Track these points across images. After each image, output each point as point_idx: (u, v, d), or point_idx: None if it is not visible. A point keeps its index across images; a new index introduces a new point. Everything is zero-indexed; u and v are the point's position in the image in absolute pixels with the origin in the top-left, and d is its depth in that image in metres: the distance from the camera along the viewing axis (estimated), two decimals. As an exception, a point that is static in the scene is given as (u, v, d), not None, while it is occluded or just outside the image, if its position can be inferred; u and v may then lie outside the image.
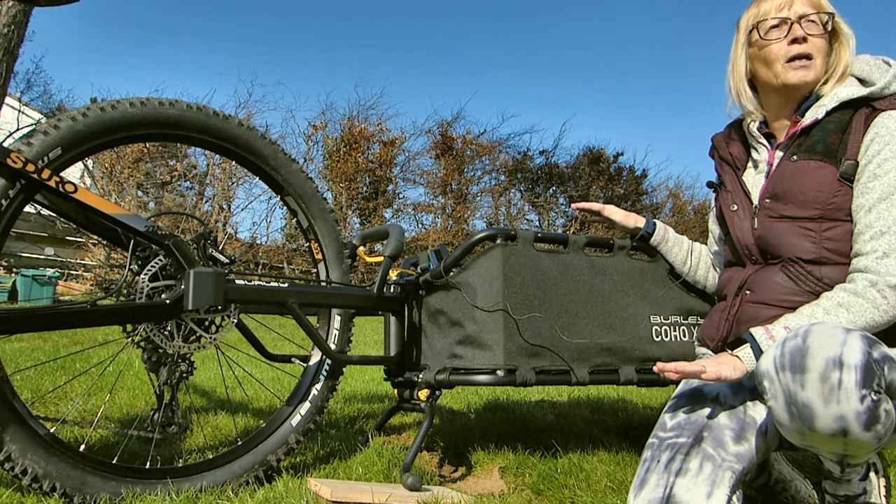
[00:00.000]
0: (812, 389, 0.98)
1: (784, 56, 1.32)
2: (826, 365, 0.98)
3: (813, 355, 0.99)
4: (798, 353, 1.01)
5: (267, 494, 1.42)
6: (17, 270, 8.07)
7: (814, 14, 1.30)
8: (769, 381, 1.05)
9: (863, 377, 0.96)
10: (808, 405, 0.99)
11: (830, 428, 0.99)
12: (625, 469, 1.68)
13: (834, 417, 0.97)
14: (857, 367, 0.96)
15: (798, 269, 1.28)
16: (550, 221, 15.65)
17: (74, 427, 1.90)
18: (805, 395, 0.99)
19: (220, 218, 11.33)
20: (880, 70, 1.30)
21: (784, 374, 1.02)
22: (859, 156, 1.24)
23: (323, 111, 16.28)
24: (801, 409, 1.00)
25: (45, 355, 3.57)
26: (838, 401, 0.97)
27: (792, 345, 1.03)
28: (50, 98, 14.56)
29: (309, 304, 1.66)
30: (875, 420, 0.97)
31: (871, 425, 0.97)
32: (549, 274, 1.60)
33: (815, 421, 0.99)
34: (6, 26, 3.23)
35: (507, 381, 1.51)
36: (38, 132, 1.34)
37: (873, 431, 0.98)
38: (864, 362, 0.97)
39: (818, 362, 0.98)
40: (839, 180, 1.24)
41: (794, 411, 1.01)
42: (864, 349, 0.98)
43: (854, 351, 0.97)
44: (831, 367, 0.97)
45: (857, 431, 0.98)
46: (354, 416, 2.39)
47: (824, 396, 0.97)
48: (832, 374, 0.97)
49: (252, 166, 1.70)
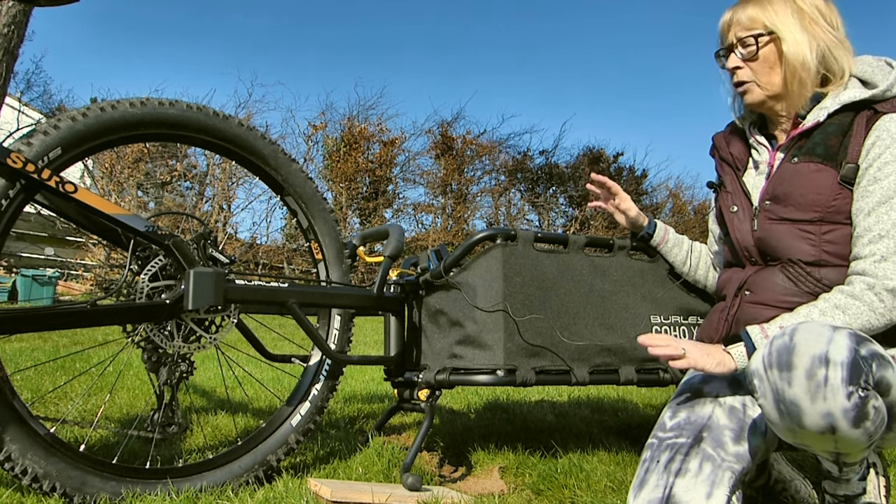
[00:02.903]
0: (799, 387, 0.99)
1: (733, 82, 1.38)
2: (812, 362, 0.98)
3: (799, 353, 0.99)
4: (785, 350, 1.01)
5: (267, 494, 1.42)
6: (17, 270, 8.08)
7: (747, 36, 1.33)
8: (758, 380, 1.05)
9: (849, 374, 0.96)
10: (796, 402, 0.99)
11: (818, 425, 0.99)
12: (625, 469, 1.68)
13: (821, 414, 0.98)
14: (844, 364, 0.96)
15: (798, 270, 1.28)
16: (550, 221, 15.66)
17: (74, 427, 1.90)
18: (792, 392, 0.99)
19: (220, 218, 11.33)
20: (882, 72, 1.30)
21: (772, 372, 1.02)
22: (860, 159, 1.23)
23: (323, 111, 16.30)
24: (789, 406, 1.00)
25: (45, 355, 3.57)
26: (825, 398, 0.97)
27: (779, 343, 1.03)
28: (50, 98, 14.57)
29: (309, 304, 1.66)
30: (863, 417, 0.97)
31: (860, 422, 0.97)
32: (549, 274, 1.60)
33: (803, 418, 0.99)
34: (6, 26, 3.23)
35: (507, 381, 1.51)
36: (38, 132, 1.34)
37: (862, 428, 0.98)
38: (851, 359, 0.97)
39: (804, 359, 0.98)
40: (839, 183, 1.24)
41: (783, 409, 1.02)
42: (851, 346, 0.98)
43: (840, 348, 0.98)
44: (817, 365, 0.97)
45: (846, 428, 0.98)
46: (354, 416, 2.39)
47: (811, 393, 0.98)
48: (818, 371, 0.97)
49: (252, 166, 1.70)
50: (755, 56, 1.33)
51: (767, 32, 1.31)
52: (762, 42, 1.32)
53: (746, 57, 1.34)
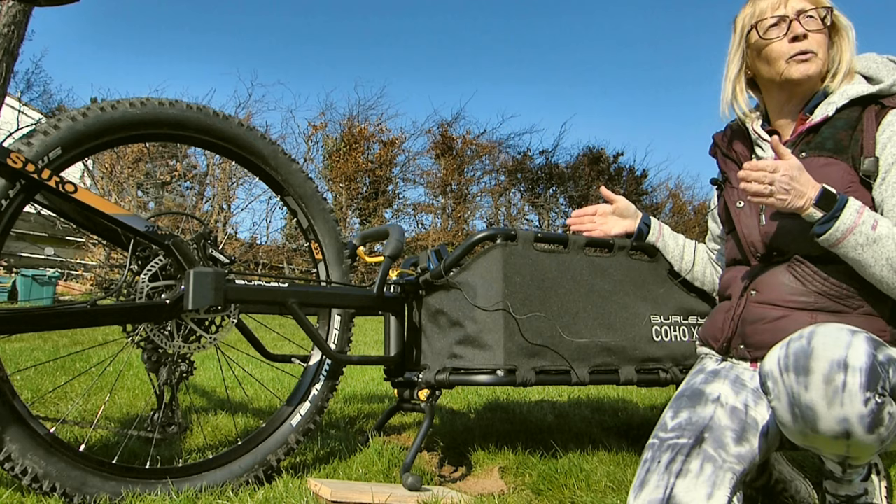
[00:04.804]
0: (816, 391, 0.98)
1: (786, 53, 1.32)
2: (830, 367, 0.97)
3: (817, 357, 0.99)
4: (802, 354, 1.00)
5: (267, 494, 1.42)
6: (17, 270, 8.07)
7: (812, 9, 1.31)
8: (773, 382, 1.05)
9: (867, 380, 0.96)
10: (812, 407, 0.99)
11: (833, 430, 0.98)
12: (625, 469, 1.67)
13: (837, 420, 0.97)
14: (862, 370, 0.96)
15: (804, 268, 1.28)
16: (550, 221, 15.65)
17: (74, 427, 1.90)
18: (809, 396, 0.99)
19: (220, 218, 11.33)
20: (887, 68, 1.31)
21: (788, 376, 1.01)
22: (876, 151, 1.24)
23: (323, 111, 16.27)
24: (804, 410, 1.00)
25: (45, 355, 3.57)
26: (842, 403, 0.96)
27: (797, 346, 1.02)
28: (50, 98, 14.58)
29: (309, 304, 1.66)
30: (878, 423, 0.97)
31: (875, 428, 0.97)
32: (549, 274, 1.60)
33: (818, 423, 0.99)
34: (6, 26, 3.23)
35: (507, 381, 1.51)
36: (38, 132, 1.33)
37: (876, 434, 0.98)
38: (869, 365, 0.96)
39: (822, 364, 0.98)
40: (852, 177, 1.25)
41: (798, 413, 1.01)
42: (870, 352, 0.97)
43: (859, 353, 0.97)
44: (836, 370, 0.97)
45: (861, 434, 0.97)
46: (354, 416, 2.39)
47: (828, 399, 0.97)
48: (836, 377, 0.96)
49: (252, 166, 1.70)
50: (822, 29, 1.31)
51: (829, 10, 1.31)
52: (832, 16, 1.31)
53: (813, 29, 1.31)
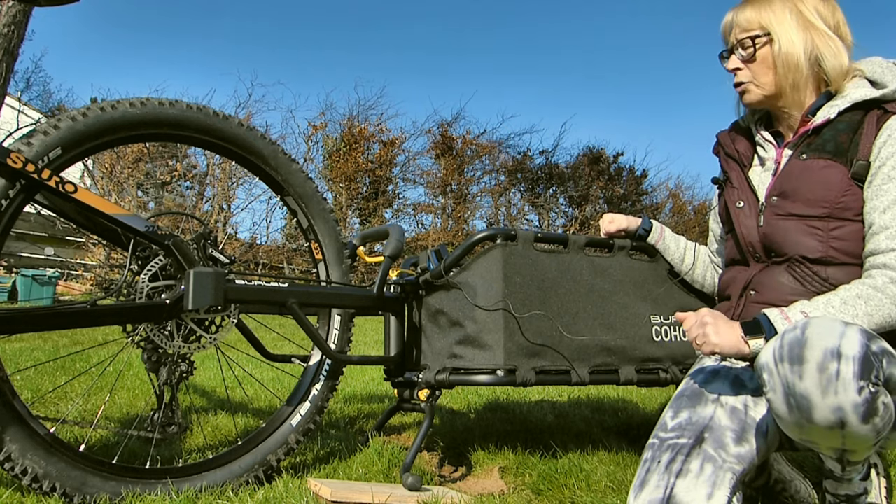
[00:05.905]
0: (810, 380, 0.99)
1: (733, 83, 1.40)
2: (824, 356, 0.98)
3: (811, 346, 0.99)
4: (797, 344, 1.01)
5: (267, 494, 1.42)
6: (17, 270, 8.07)
7: (746, 37, 1.35)
8: (768, 374, 1.05)
9: (861, 368, 0.96)
10: (807, 396, 0.99)
11: (828, 420, 0.99)
12: (625, 469, 1.68)
13: (832, 409, 0.98)
14: (856, 359, 0.97)
15: (804, 269, 1.28)
16: (550, 221, 15.64)
17: (74, 427, 1.90)
18: (803, 385, 0.99)
19: (220, 218, 11.33)
20: (892, 73, 1.31)
21: (783, 366, 1.02)
22: (871, 156, 1.24)
23: (323, 111, 16.22)
24: (799, 400, 1.00)
25: (45, 355, 3.57)
26: (836, 392, 0.97)
27: (791, 336, 1.03)
28: (50, 98, 14.59)
29: (309, 304, 1.66)
30: (873, 412, 0.98)
31: (869, 418, 0.98)
32: (549, 274, 1.60)
33: (813, 412, 0.99)
34: (6, 26, 3.23)
35: (507, 381, 1.51)
36: (38, 132, 1.34)
37: (871, 424, 0.98)
38: (863, 354, 0.97)
39: (816, 353, 0.99)
40: (850, 180, 1.25)
41: (793, 403, 1.02)
42: (863, 342, 0.98)
43: (852, 343, 0.98)
44: (829, 358, 0.97)
45: (855, 423, 0.98)
46: (354, 416, 2.39)
47: (822, 387, 0.98)
48: (830, 365, 0.97)
49: (252, 166, 1.70)
50: (753, 57, 1.35)
51: (764, 34, 1.33)
52: (759, 43, 1.34)
53: (745, 58, 1.36)
